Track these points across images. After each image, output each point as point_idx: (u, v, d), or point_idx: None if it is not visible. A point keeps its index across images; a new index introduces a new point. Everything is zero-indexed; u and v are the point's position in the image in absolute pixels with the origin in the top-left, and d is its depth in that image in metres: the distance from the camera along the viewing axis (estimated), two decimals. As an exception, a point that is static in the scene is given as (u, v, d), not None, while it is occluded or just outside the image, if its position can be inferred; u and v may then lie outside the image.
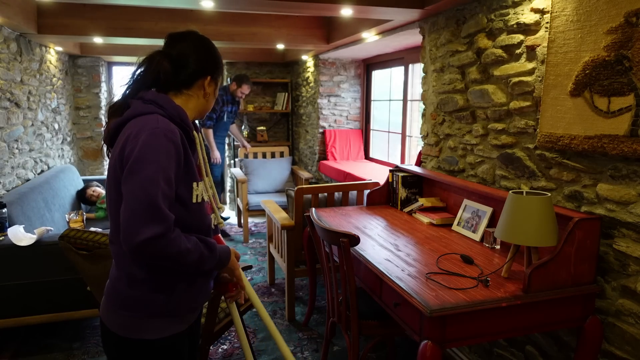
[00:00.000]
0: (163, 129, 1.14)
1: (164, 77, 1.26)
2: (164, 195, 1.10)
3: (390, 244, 2.21)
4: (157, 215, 1.07)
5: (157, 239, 1.07)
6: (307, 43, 4.38)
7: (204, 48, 1.33)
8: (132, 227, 1.06)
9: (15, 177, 3.57)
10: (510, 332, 1.70)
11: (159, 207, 1.08)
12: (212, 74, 1.34)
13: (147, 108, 1.20)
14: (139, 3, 2.81)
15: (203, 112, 1.37)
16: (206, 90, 1.34)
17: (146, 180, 1.08)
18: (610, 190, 1.75)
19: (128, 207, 1.08)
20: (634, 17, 1.58)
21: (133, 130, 1.15)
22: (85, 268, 2.05)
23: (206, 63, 1.32)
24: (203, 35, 1.36)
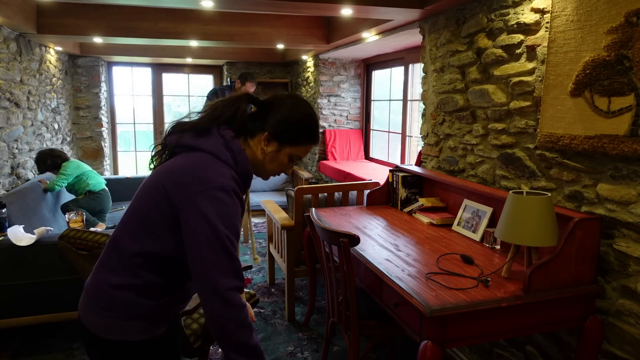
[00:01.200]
0: (234, 188, 1.19)
1: (239, 117, 1.28)
2: (233, 246, 1.17)
3: (390, 244, 2.21)
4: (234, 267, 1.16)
5: (236, 290, 1.15)
6: (307, 43, 4.38)
7: (287, 109, 1.29)
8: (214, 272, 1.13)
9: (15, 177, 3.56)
10: (510, 332, 1.70)
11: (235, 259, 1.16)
12: (273, 133, 1.28)
13: (224, 154, 1.23)
14: (139, 3, 2.81)
15: (259, 169, 1.34)
16: (263, 146, 1.29)
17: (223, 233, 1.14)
18: (610, 190, 1.75)
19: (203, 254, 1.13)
20: (634, 17, 1.58)
21: (205, 166, 1.18)
22: (85, 268, 2.05)
23: (275, 120, 1.28)
24: (303, 103, 1.34)
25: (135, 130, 6.57)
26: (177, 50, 5.53)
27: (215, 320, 1.14)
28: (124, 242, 1.22)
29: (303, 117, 1.31)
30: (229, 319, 1.13)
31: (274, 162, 1.32)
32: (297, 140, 1.31)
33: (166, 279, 1.24)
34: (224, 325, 1.13)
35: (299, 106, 1.31)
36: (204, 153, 1.22)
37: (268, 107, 1.30)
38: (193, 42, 4.23)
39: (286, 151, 1.31)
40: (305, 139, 1.32)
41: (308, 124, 1.32)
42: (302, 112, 1.31)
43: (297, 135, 1.30)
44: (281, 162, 1.33)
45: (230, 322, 1.13)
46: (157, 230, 1.19)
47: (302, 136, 1.31)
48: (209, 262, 1.13)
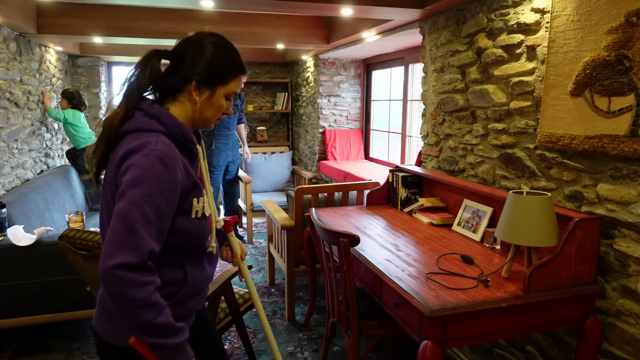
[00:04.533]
0: (160, 152, 1.09)
1: (155, 79, 1.20)
2: (146, 221, 1.04)
3: (390, 244, 2.21)
4: (131, 241, 1.02)
5: (127, 267, 1.01)
6: (307, 43, 4.38)
7: (206, 50, 1.21)
8: (107, 249, 1.02)
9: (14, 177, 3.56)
10: (510, 332, 1.70)
11: (136, 232, 1.03)
12: (199, 79, 1.20)
13: (148, 124, 1.15)
14: (139, 3, 2.81)
15: (199, 122, 1.26)
16: (194, 98, 1.21)
17: (131, 204, 1.04)
18: (610, 190, 1.75)
19: (110, 228, 1.04)
20: (634, 17, 1.58)
21: (131, 146, 1.10)
22: (85, 268, 2.05)
23: (197, 66, 1.20)
24: (218, 39, 1.24)
25: (135, 130, 6.57)
26: (177, 50, 5.53)
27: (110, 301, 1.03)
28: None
29: (225, 53, 1.23)
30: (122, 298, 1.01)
31: (211, 107, 1.24)
32: (227, 78, 1.23)
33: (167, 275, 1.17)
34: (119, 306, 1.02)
35: (218, 44, 1.23)
36: (130, 134, 1.14)
37: (184, 55, 1.21)
38: (193, 42, 4.23)
39: (220, 93, 1.24)
40: (235, 74, 1.25)
41: (232, 58, 1.24)
42: (223, 48, 1.23)
43: (226, 74, 1.23)
44: (219, 105, 1.25)
45: (125, 302, 1.01)
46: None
47: (231, 72, 1.24)
48: (108, 236, 1.03)
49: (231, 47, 1.26)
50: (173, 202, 1.11)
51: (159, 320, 1.04)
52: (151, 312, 1.03)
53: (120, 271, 1.00)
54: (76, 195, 4.24)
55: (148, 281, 1.03)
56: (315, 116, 5.43)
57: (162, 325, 1.04)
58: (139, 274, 1.02)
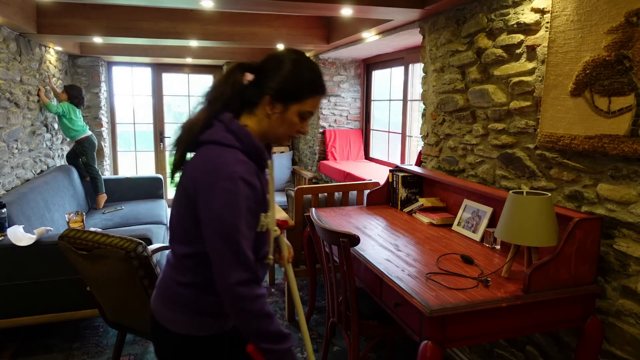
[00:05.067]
0: (241, 174, 1.16)
1: (236, 90, 1.25)
2: (244, 238, 1.16)
3: (390, 244, 2.21)
4: (240, 260, 1.14)
5: (243, 283, 1.14)
6: (307, 43, 4.37)
7: (284, 66, 1.23)
8: (223, 270, 1.14)
9: (14, 177, 3.56)
10: (510, 332, 1.70)
11: (242, 252, 1.15)
12: (274, 94, 1.22)
13: (227, 139, 1.20)
14: (139, 3, 2.81)
15: (271, 137, 1.29)
16: (267, 111, 1.24)
17: (229, 227, 1.14)
18: (610, 190, 1.75)
19: (215, 250, 1.15)
20: (634, 17, 1.58)
21: (212, 162, 1.17)
22: (85, 268, 2.05)
23: (272, 81, 1.22)
24: (299, 57, 1.26)
25: (135, 130, 6.57)
26: (177, 50, 5.53)
27: (232, 314, 1.17)
28: (175, 247, 1.29)
29: (303, 72, 1.25)
30: (243, 312, 1.15)
31: (283, 124, 1.26)
32: (302, 96, 1.25)
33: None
34: (240, 317, 1.16)
35: (297, 61, 1.25)
36: (209, 145, 1.20)
37: (265, 70, 1.25)
38: (193, 42, 4.23)
39: (293, 110, 1.25)
40: (310, 93, 1.26)
41: (309, 77, 1.26)
42: (302, 67, 1.25)
43: (300, 91, 1.25)
44: (291, 122, 1.27)
45: (245, 314, 1.15)
46: (198, 233, 1.21)
47: (305, 91, 1.25)
48: (217, 256, 1.15)
49: (312, 67, 1.27)
50: (257, 214, 1.23)
51: (272, 328, 1.17)
52: (266, 321, 1.17)
53: (239, 287, 1.14)
54: (76, 195, 4.25)
55: (261, 294, 1.17)
56: (315, 116, 5.43)
57: (274, 333, 1.18)
58: (253, 287, 1.16)
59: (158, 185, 4.98)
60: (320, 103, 1.31)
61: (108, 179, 4.86)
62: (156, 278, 1.95)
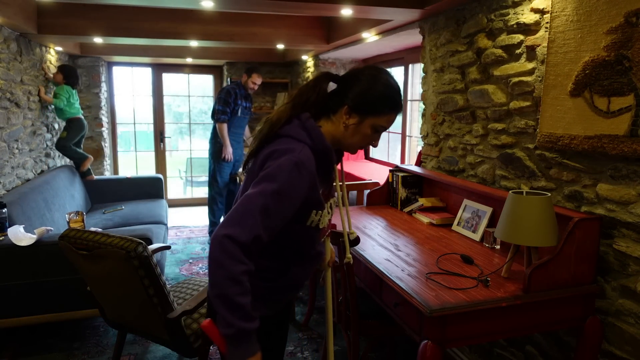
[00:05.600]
0: (299, 160, 1.20)
1: (321, 97, 1.33)
2: (265, 211, 1.14)
3: (390, 244, 2.21)
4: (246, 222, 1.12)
5: (234, 240, 1.09)
6: (307, 43, 4.38)
7: (366, 80, 1.31)
8: (225, 221, 1.13)
9: (15, 177, 3.57)
10: (510, 332, 1.70)
11: (253, 216, 1.13)
12: (353, 105, 1.30)
13: (300, 134, 1.27)
14: (139, 3, 2.81)
15: (343, 144, 1.37)
16: (344, 120, 1.32)
17: (259, 192, 1.15)
18: (610, 190, 1.75)
19: (234, 206, 1.16)
20: (634, 17, 1.58)
21: (279, 148, 1.23)
22: (86, 268, 2.05)
23: (352, 92, 1.31)
24: (380, 73, 1.33)
25: (136, 130, 6.57)
26: (177, 50, 5.53)
27: (209, 265, 1.11)
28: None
29: (381, 87, 1.31)
30: (218, 265, 1.08)
31: (357, 134, 1.34)
32: (377, 111, 1.31)
33: (271, 262, 1.33)
34: (213, 272, 1.09)
35: (377, 77, 1.32)
36: (283, 137, 1.28)
37: (347, 81, 1.33)
38: (193, 42, 4.23)
39: (368, 122, 1.32)
40: (386, 109, 1.32)
41: (386, 93, 1.32)
42: (381, 82, 1.31)
43: (376, 106, 1.31)
44: (364, 134, 1.34)
45: (219, 269, 1.08)
46: None
47: (381, 106, 1.32)
48: (231, 211, 1.14)
49: (391, 84, 1.33)
50: (293, 206, 1.21)
51: (240, 299, 1.09)
52: (237, 288, 1.09)
53: (227, 240, 1.09)
54: (76, 195, 4.25)
55: (245, 261, 1.11)
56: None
57: (240, 305, 1.09)
58: (241, 251, 1.11)
59: (158, 185, 4.98)
60: (395, 119, 1.40)
61: (108, 179, 4.86)
62: (156, 278, 1.95)
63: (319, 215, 1.32)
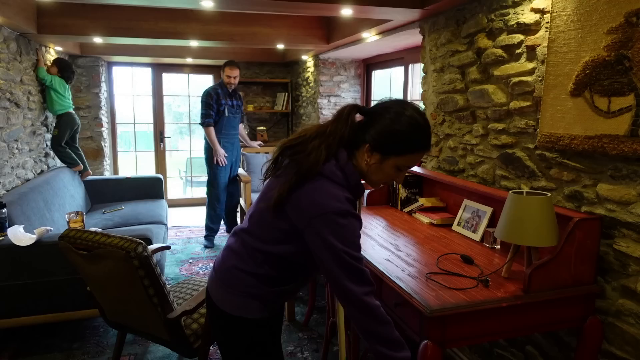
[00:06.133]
0: (349, 211, 1.25)
1: (352, 130, 1.30)
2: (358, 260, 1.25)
3: (390, 244, 2.21)
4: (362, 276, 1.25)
5: (369, 294, 1.25)
6: (307, 43, 4.37)
7: (389, 119, 1.26)
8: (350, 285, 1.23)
9: (15, 177, 3.57)
10: (510, 332, 1.70)
11: (361, 269, 1.25)
12: (374, 145, 1.27)
13: (337, 176, 1.28)
14: (139, 3, 2.81)
15: (366, 179, 1.36)
16: (365, 158, 1.30)
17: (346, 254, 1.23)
18: (610, 190, 1.75)
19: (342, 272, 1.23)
20: (634, 17, 1.58)
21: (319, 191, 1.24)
22: (85, 268, 2.05)
23: (374, 131, 1.27)
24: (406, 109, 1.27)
25: (135, 130, 6.57)
26: (177, 50, 5.53)
27: (359, 323, 1.27)
28: (250, 240, 1.37)
29: (405, 127, 1.26)
30: (369, 319, 1.25)
31: (379, 173, 1.32)
32: (399, 151, 1.28)
33: (283, 273, 1.38)
34: (366, 325, 1.25)
35: (401, 115, 1.26)
36: (322, 177, 1.27)
37: (372, 116, 1.30)
38: (193, 42, 4.23)
39: (390, 162, 1.29)
40: (409, 150, 1.28)
41: (410, 133, 1.26)
42: (404, 121, 1.26)
43: (399, 146, 1.27)
44: (387, 173, 1.32)
45: (371, 322, 1.25)
46: (278, 239, 1.32)
47: (404, 147, 1.27)
48: (337, 276, 1.23)
49: (417, 123, 1.27)
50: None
51: (394, 335, 1.28)
52: (389, 327, 1.27)
53: (366, 297, 1.24)
54: (76, 195, 4.25)
55: (378, 304, 1.28)
56: (316, 116, 5.43)
57: (395, 339, 1.28)
58: (374, 298, 1.27)
59: (158, 185, 4.98)
60: (422, 157, 1.36)
61: (108, 179, 4.86)
62: (156, 278, 1.95)
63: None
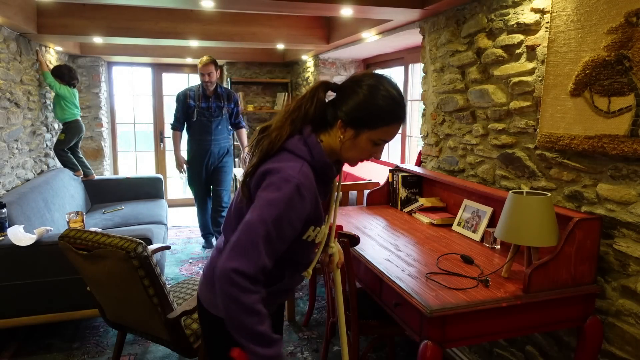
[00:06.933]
0: (300, 182, 1.17)
1: (319, 109, 1.26)
2: (268, 239, 1.13)
3: (390, 244, 2.21)
4: (252, 254, 1.12)
5: (242, 274, 1.10)
6: (307, 43, 4.37)
7: (359, 92, 1.22)
8: (230, 254, 1.12)
9: (15, 177, 3.57)
10: (510, 332, 1.70)
11: (257, 247, 1.12)
12: (346, 120, 1.23)
13: (300, 150, 1.23)
14: (139, 3, 2.81)
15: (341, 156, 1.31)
16: (339, 135, 1.25)
17: (260, 220, 1.13)
18: (610, 190, 1.75)
19: (237, 234, 1.14)
20: (634, 17, 1.58)
21: (276, 166, 1.19)
22: (85, 268, 2.05)
23: (345, 105, 1.23)
24: (377, 82, 1.23)
25: (135, 130, 6.57)
26: (177, 50, 5.53)
27: (221, 302, 1.12)
28: (228, 236, 1.32)
29: (379, 100, 1.21)
30: (232, 300, 1.09)
31: (354, 148, 1.27)
32: (373, 124, 1.22)
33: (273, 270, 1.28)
34: (228, 307, 1.11)
35: (375, 87, 1.22)
36: (283, 152, 1.24)
37: (344, 91, 1.26)
38: (193, 42, 4.23)
39: (364, 137, 1.24)
40: (383, 122, 1.22)
41: (384, 105, 1.21)
42: (379, 95, 1.21)
43: (372, 119, 1.22)
44: (362, 148, 1.26)
45: (233, 304, 1.10)
46: None
47: (378, 120, 1.22)
48: (235, 240, 1.13)
49: (388, 95, 1.23)
50: (296, 229, 1.20)
51: (260, 328, 1.11)
52: (254, 319, 1.11)
53: (235, 275, 1.10)
54: (76, 195, 4.25)
55: (256, 290, 1.12)
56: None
57: (261, 333, 1.11)
58: (250, 282, 1.11)
59: (158, 185, 4.98)
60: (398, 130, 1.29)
61: (108, 179, 4.86)
62: (156, 278, 1.95)
63: (316, 231, 1.29)
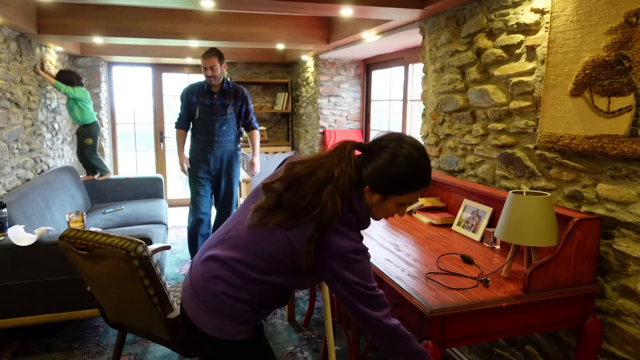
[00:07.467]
0: (364, 250, 1.27)
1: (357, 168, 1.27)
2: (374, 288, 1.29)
3: (390, 244, 2.21)
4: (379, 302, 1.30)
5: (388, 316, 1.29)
6: (307, 43, 4.38)
7: (385, 159, 1.23)
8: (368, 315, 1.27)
9: (15, 177, 3.57)
10: (510, 332, 1.70)
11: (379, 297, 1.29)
12: (372, 186, 1.25)
13: (350, 219, 1.27)
14: (139, 3, 2.81)
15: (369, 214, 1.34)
16: (367, 197, 1.27)
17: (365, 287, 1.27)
18: (610, 190, 1.75)
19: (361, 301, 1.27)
20: (634, 17, 1.58)
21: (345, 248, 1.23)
22: (86, 268, 2.05)
23: (373, 171, 1.24)
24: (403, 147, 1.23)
25: (135, 130, 6.57)
26: (177, 50, 5.53)
27: (383, 345, 1.31)
28: (246, 270, 1.30)
29: (402, 165, 1.22)
30: (392, 339, 1.29)
31: (381, 210, 1.31)
32: (400, 191, 1.25)
33: (277, 297, 1.39)
34: (390, 345, 1.29)
35: (398, 155, 1.22)
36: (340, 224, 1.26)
37: (369, 154, 1.26)
38: (193, 42, 4.23)
39: (391, 201, 1.28)
40: (409, 189, 1.25)
41: (408, 172, 1.23)
42: (401, 160, 1.22)
43: (399, 187, 1.25)
44: (389, 210, 1.30)
45: (394, 341, 1.29)
46: (281, 271, 1.29)
47: (403, 186, 1.25)
48: (355, 306, 1.26)
49: (413, 161, 1.24)
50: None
51: (416, 347, 1.32)
52: (411, 342, 1.31)
53: (385, 320, 1.28)
54: (76, 195, 4.25)
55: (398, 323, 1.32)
56: (315, 116, 5.44)
57: (418, 352, 1.32)
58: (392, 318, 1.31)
59: (158, 185, 4.98)
60: (422, 192, 1.32)
61: (108, 179, 4.86)
62: (156, 278, 1.95)
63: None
